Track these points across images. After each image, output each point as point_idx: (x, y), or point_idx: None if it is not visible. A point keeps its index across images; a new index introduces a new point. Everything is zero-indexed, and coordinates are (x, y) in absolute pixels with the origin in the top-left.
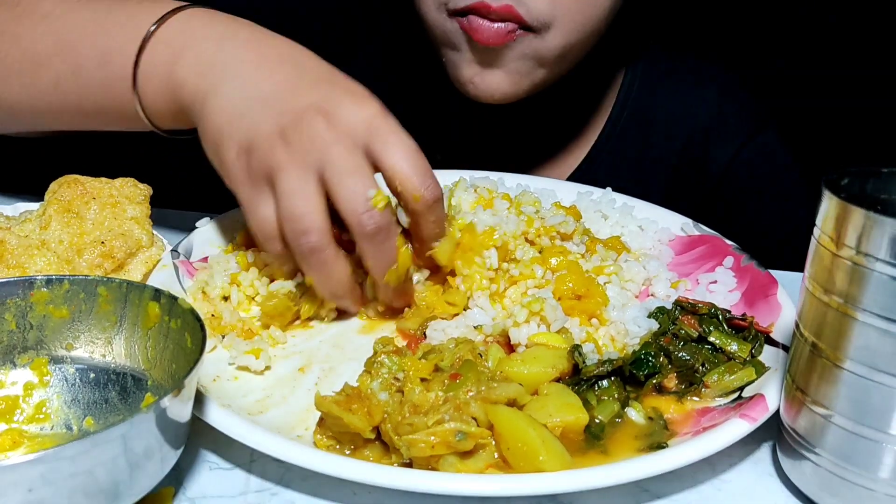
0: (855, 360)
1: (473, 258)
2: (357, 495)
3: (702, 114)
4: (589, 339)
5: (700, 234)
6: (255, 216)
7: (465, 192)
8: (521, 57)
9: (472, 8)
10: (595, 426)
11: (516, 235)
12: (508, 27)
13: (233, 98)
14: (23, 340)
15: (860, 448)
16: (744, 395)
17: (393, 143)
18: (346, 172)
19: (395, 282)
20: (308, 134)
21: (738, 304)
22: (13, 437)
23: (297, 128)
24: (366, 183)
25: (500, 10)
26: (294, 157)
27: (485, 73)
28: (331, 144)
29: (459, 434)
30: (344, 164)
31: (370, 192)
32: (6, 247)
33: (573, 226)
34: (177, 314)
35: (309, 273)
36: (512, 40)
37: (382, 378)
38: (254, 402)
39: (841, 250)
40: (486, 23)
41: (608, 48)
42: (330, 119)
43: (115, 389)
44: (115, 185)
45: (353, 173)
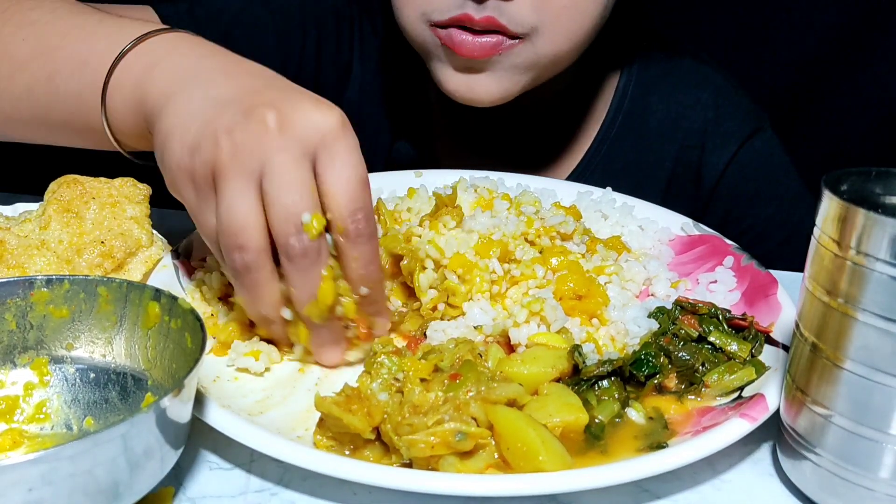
0: (855, 360)
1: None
2: (357, 495)
3: (697, 116)
4: (589, 340)
5: (700, 234)
6: (200, 223)
7: (466, 193)
8: (509, 66)
9: (455, 20)
10: (595, 426)
11: (516, 236)
12: (493, 41)
13: (192, 101)
14: (23, 340)
15: (860, 448)
16: (744, 395)
17: (340, 162)
18: (284, 187)
19: (316, 317)
20: (256, 133)
21: (738, 304)
22: (13, 437)
23: (245, 125)
24: (303, 202)
25: (482, 22)
26: (235, 159)
27: (470, 81)
28: (276, 150)
29: (459, 434)
30: (285, 176)
31: (305, 217)
32: (6, 247)
33: (573, 226)
34: (177, 314)
35: (238, 291)
36: (497, 53)
37: (382, 378)
38: (254, 402)
39: (841, 250)
40: (468, 37)
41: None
42: (282, 119)
43: (116, 389)
44: (115, 185)
45: (291, 188)
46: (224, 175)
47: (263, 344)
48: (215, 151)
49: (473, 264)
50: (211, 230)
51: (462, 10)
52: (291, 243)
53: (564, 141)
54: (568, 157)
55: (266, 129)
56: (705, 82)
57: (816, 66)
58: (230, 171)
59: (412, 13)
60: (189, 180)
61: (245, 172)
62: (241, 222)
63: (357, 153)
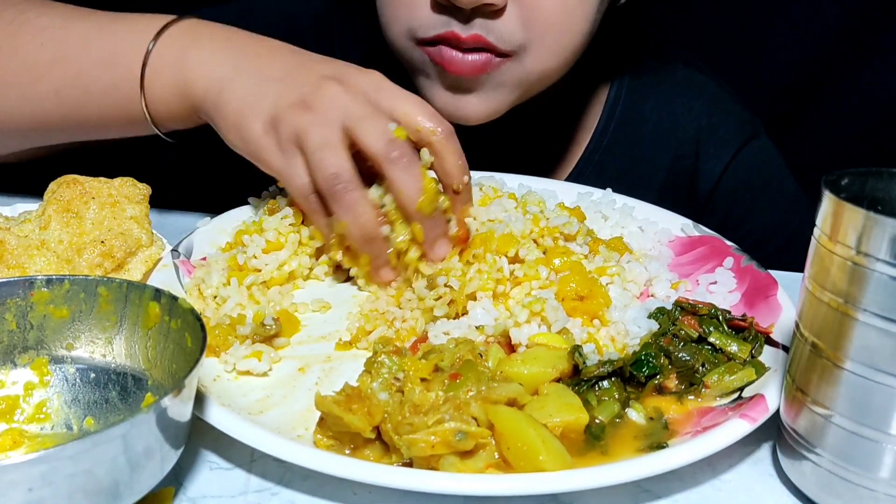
0: (855, 361)
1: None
2: (357, 495)
3: (690, 125)
4: (590, 340)
5: (700, 235)
6: (291, 179)
7: None
8: (497, 84)
9: (441, 37)
10: (595, 426)
11: (524, 235)
12: (482, 59)
13: (247, 84)
14: (23, 340)
15: (860, 448)
16: (744, 396)
17: (401, 96)
18: (365, 117)
19: (427, 207)
20: (327, 96)
21: (738, 305)
22: (13, 437)
23: (315, 94)
24: (384, 120)
25: (469, 40)
26: (317, 118)
27: (458, 99)
28: (348, 101)
29: (459, 434)
30: (362, 112)
31: (391, 126)
32: (6, 247)
33: (577, 227)
34: (177, 314)
35: (343, 216)
36: (486, 72)
37: (382, 378)
38: (254, 401)
39: (841, 250)
40: (457, 55)
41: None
42: (343, 83)
43: (116, 389)
44: (114, 185)
45: (371, 116)
46: (309, 131)
47: (263, 346)
48: (297, 118)
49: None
50: (299, 182)
51: (448, 27)
52: (389, 150)
53: (555, 150)
54: (559, 167)
55: (334, 92)
56: (698, 90)
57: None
58: (315, 127)
59: (399, 29)
60: (275, 148)
61: (328, 123)
62: (331, 157)
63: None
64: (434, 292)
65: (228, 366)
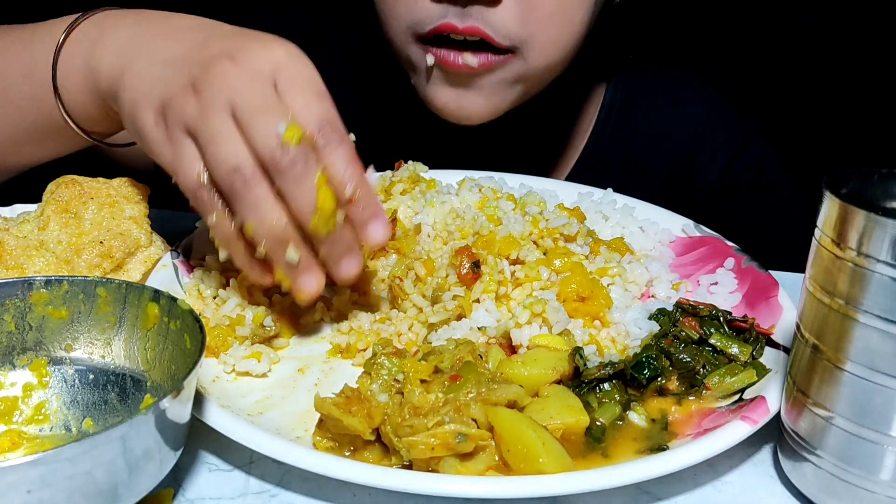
0: (856, 362)
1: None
2: (357, 497)
3: (687, 129)
4: (592, 341)
5: (701, 236)
6: (179, 170)
7: (470, 192)
8: (498, 81)
9: (438, 30)
10: (596, 429)
11: (524, 237)
12: (481, 58)
13: (144, 69)
14: (22, 341)
15: (861, 450)
16: (745, 397)
17: (295, 82)
18: (255, 110)
19: (323, 227)
20: (217, 78)
21: (739, 306)
22: (12, 439)
23: (205, 76)
24: (276, 118)
25: (466, 31)
26: (206, 103)
27: (459, 98)
28: (240, 85)
29: (459, 436)
30: (253, 101)
31: (280, 128)
32: (5, 248)
33: (577, 227)
34: (176, 315)
35: (247, 216)
36: (486, 68)
37: (382, 380)
38: (253, 402)
39: (842, 252)
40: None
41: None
42: (237, 61)
43: (115, 391)
44: (113, 185)
45: (261, 110)
46: (199, 120)
47: (262, 346)
48: (185, 105)
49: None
50: (191, 174)
51: (445, 19)
52: (277, 156)
53: (551, 153)
54: (556, 169)
55: (225, 73)
56: (694, 95)
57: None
58: (204, 115)
59: (398, 26)
60: (165, 140)
61: (218, 111)
62: (228, 148)
63: (310, 71)
64: (440, 307)
65: (227, 367)
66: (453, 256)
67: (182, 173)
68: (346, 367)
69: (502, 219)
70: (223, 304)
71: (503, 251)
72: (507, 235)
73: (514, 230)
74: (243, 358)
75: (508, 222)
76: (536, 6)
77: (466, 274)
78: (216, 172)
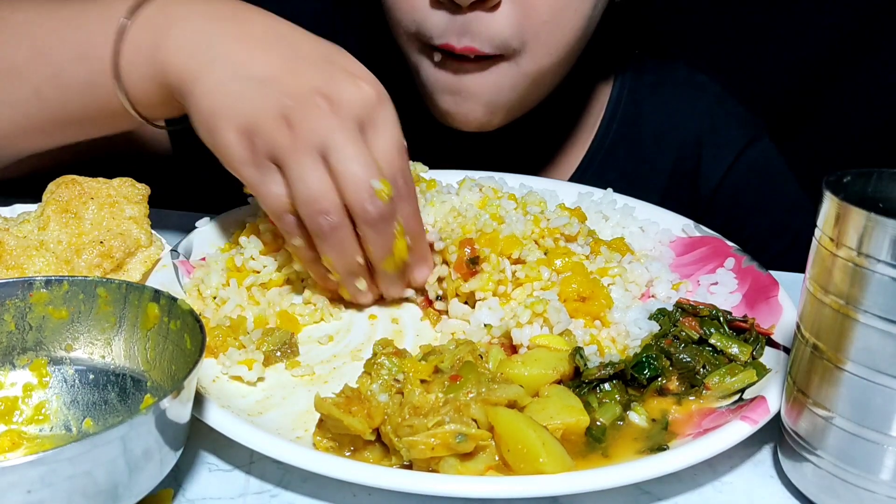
0: (856, 362)
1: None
2: (357, 497)
3: (693, 126)
4: (592, 342)
5: (701, 236)
6: (266, 195)
7: (470, 192)
8: (496, 86)
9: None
10: (596, 429)
11: (526, 236)
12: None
13: (224, 79)
14: (22, 341)
15: (861, 450)
16: (745, 397)
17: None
18: (350, 159)
19: (392, 269)
20: (312, 117)
21: (739, 306)
22: (12, 439)
23: (300, 111)
24: (370, 170)
25: (463, 51)
26: (299, 140)
27: (460, 104)
28: (335, 129)
29: (460, 436)
30: (349, 150)
31: (375, 183)
32: (5, 248)
33: (577, 227)
34: (176, 315)
35: (328, 252)
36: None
37: (382, 380)
38: (253, 403)
39: (842, 251)
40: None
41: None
42: (332, 101)
43: (115, 391)
44: (113, 185)
45: (357, 159)
46: (291, 155)
47: (257, 353)
48: (276, 135)
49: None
50: (276, 200)
51: (444, 39)
52: (368, 209)
53: (557, 151)
54: (561, 167)
55: (320, 112)
56: (700, 91)
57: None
58: (296, 151)
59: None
60: (249, 160)
61: (310, 150)
62: (320, 190)
63: (394, 121)
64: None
65: (226, 368)
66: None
67: (268, 198)
68: (347, 368)
69: (504, 217)
70: (223, 304)
71: (506, 250)
72: (511, 235)
73: (516, 229)
74: (237, 363)
75: (511, 221)
76: (532, 12)
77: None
78: (302, 209)
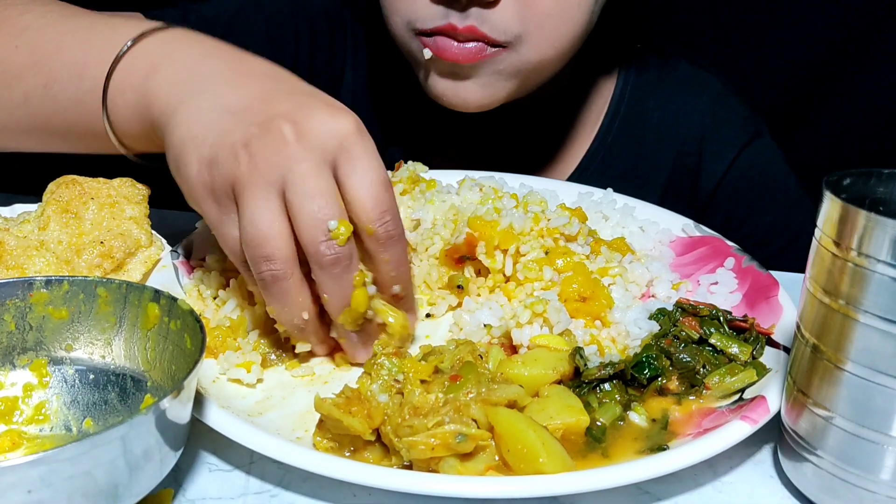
0: (856, 362)
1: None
2: (357, 497)
3: (694, 123)
4: (593, 342)
5: (701, 236)
6: (224, 237)
7: (471, 191)
8: (493, 72)
9: (438, 30)
10: (596, 429)
11: (525, 233)
12: (476, 47)
13: (202, 110)
14: (22, 341)
15: (861, 450)
16: (745, 397)
17: (360, 167)
18: (308, 195)
19: (349, 324)
20: (274, 145)
21: (739, 306)
22: (12, 439)
23: (263, 138)
24: (329, 209)
25: (465, 31)
26: (256, 172)
27: (457, 86)
28: (296, 160)
29: (459, 436)
30: (308, 185)
31: (332, 224)
32: (5, 248)
33: (577, 227)
34: (176, 315)
35: (270, 303)
36: (479, 59)
37: (382, 380)
38: (253, 403)
39: (842, 252)
40: (453, 44)
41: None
42: (299, 129)
43: (115, 391)
44: (114, 186)
45: (316, 196)
46: (245, 188)
47: (254, 355)
48: (234, 165)
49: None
50: (234, 243)
51: (446, 20)
52: (322, 251)
53: (560, 146)
54: (563, 163)
55: (284, 141)
56: (702, 88)
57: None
58: (251, 184)
59: (398, 21)
60: (209, 194)
61: (266, 184)
62: (266, 232)
63: (375, 155)
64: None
65: (224, 370)
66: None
67: (226, 240)
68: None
69: (501, 210)
70: (223, 304)
71: (502, 244)
72: (508, 227)
73: (515, 224)
74: (236, 365)
75: (508, 215)
76: (534, 5)
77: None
78: (247, 252)
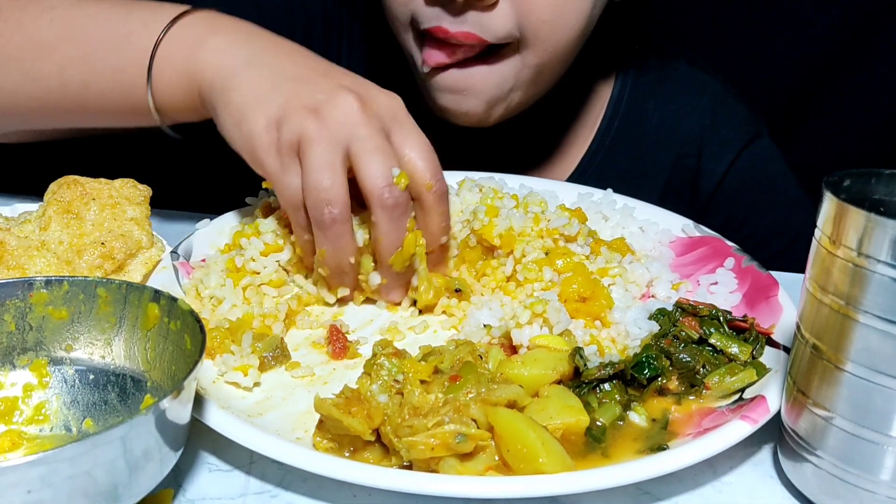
0: (856, 362)
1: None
2: (357, 497)
3: (694, 124)
4: (593, 342)
5: (701, 236)
6: (285, 185)
7: (470, 192)
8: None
9: (430, 31)
10: (596, 429)
11: (525, 233)
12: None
13: (260, 76)
14: (22, 342)
15: (861, 450)
16: (745, 397)
17: (413, 135)
18: (373, 149)
19: (398, 266)
20: (342, 110)
21: (739, 306)
22: (12, 439)
23: (330, 103)
24: (390, 161)
25: (458, 36)
26: (324, 131)
27: (459, 101)
28: (361, 125)
29: (459, 436)
30: (372, 142)
31: (395, 170)
32: (6, 248)
33: (577, 228)
34: (176, 315)
35: (324, 244)
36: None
37: (382, 380)
38: (253, 403)
39: (841, 251)
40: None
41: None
42: (362, 100)
43: (115, 391)
44: (115, 186)
45: (379, 151)
46: (313, 143)
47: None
48: (304, 124)
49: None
50: (294, 191)
51: (439, 22)
52: (385, 195)
53: (558, 148)
54: (562, 164)
55: (351, 107)
56: (702, 89)
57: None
58: (320, 140)
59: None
60: (273, 148)
61: (334, 141)
62: (328, 180)
63: (419, 129)
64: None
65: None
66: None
67: (287, 189)
68: (346, 368)
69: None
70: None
71: (503, 246)
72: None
73: (515, 225)
74: (233, 369)
75: (507, 216)
76: (530, 10)
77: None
78: (308, 197)
